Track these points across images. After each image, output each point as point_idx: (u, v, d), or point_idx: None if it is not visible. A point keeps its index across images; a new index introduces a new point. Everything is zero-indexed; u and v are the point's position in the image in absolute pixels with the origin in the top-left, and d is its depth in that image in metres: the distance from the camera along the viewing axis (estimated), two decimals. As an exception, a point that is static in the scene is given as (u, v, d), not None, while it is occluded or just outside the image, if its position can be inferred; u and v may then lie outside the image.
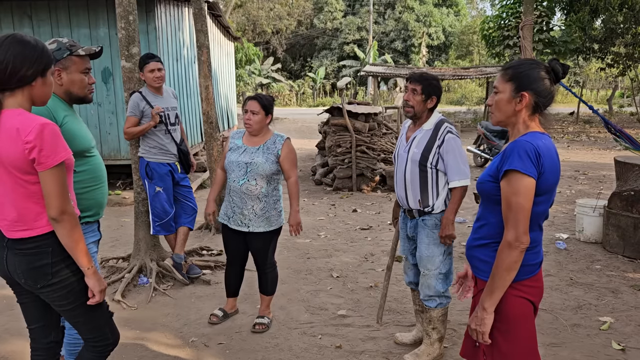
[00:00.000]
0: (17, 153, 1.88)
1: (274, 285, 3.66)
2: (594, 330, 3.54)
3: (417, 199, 3.03)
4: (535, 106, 1.93)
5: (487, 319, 1.91)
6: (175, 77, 9.03)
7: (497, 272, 1.87)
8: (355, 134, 8.20)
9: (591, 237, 5.44)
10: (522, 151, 1.82)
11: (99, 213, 2.58)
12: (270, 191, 3.44)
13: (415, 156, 2.99)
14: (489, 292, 1.90)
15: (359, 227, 6.24)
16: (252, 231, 3.43)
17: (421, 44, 34.10)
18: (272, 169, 3.40)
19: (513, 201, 1.83)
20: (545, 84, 1.92)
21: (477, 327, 1.94)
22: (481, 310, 1.92)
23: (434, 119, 3.05)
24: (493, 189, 1.93)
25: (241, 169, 3.35)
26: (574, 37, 17.97)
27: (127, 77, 4.35)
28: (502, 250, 1.86)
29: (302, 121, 21.18)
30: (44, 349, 2.31)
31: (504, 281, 1.87)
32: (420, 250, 3.07)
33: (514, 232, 1.82)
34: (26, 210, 1.98)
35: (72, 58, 2.42)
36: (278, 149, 3.42)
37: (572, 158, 11.57)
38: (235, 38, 15.66)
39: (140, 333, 3.59)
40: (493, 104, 2.00)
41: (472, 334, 1.98)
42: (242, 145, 3.44)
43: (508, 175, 1.84)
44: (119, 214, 6.95)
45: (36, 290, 2.08)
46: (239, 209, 3.41)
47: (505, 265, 1.84)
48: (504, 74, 1.97)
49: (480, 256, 2.02)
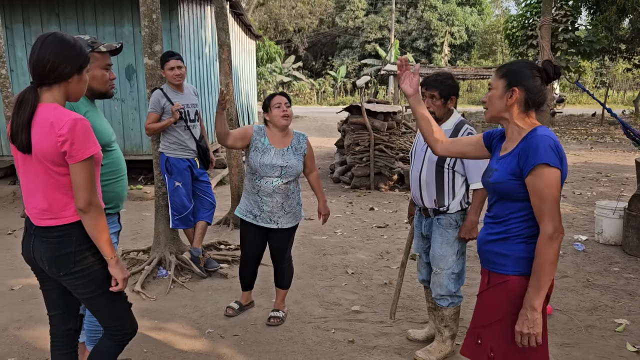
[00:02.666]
0: (50, 145, 1.97)
1: (290, 279, 3.72)
2: (608, 331, 3.52)
3: (432, 199, 3.02)
4: (526, 102, 2.00)
5: (539, 319, 1.88)
6: (196, 74, 9.17)
7: (542, 267, 1.86)
8: (374, 132, 8.22)
9: (610, 239, 5.38)
10: (546, 145, 1.87)
11: (119, 205, 2.66)
12: (296, 187, 3.51)
13: (432, 156, 2.96)
14: (536, 290, 1.87)
15: (376, 225, 6.27)
16: (281, 227, 3.49)
17: (443, 43, 33.87)
18: (302, 168, 3.50)
19: (547, 194, 1.85)
20: (536, 81, 2.00)
21: (530, 330, 1.88)
22: (531, 311, 1.88)
23: (453, 119, 3.03)
24: (516, 187, 1.95)
25: (275, 171, 3.36)
26: (600, 37, 17.65)
27: (150, 74, 4.46)
28: (544, 244, 1.85)
29: (322, 119, 21.25)
30: (62, 336, 2.39)
31: (550, 276, 1.86)
32: (433, 249, 3.07)
33: (552, 224, 1.85)
34: (55, 200, 2.08)
35: (94, 54, 2.50)
36: (304, 148, 3.51)
37: (595, 160, 11.40)
38: (257, 36, 15.79)
39: (159, 323, 3.69)
40: (487, 100, 2.08)
41: (524, 340, 1.91)
42: (270, 145, 3.41)
43: (538, 169, 1.86)
44: (140, 208, 7.10)
45: (59, 278, 2.17)
46: (268, 208, 3.41)
47: (551, 258, 1.85)
48: (498, 71, 2.06)
49: (500, 250, 2.02)
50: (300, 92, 33.55)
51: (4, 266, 4.86)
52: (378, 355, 3.25)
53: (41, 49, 1.99)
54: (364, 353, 3.28)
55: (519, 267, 1.97)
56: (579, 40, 17.52)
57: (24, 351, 3.30)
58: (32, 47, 2.02)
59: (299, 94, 33.47)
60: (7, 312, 3.85)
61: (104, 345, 2.36)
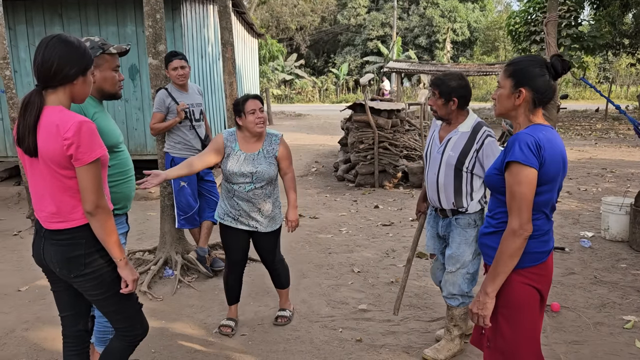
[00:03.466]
0: (56, 149, 1.97)
1: (287, 277, 3.68)
2: (617, 328, 3.51)
3: (450, 201, 2.98)
4: (534, 101, 2.03)
5: (489, 303, 2.00)
6: (200, 73, 9.16)
7: (500, 258, 1.96)
8: (378, 130, 8.20)
9: (617, 235, 5.36)
10: (523, 143, 1.91)
11: (126, 206, 2.67)
12: (272, 190, 3.40)
13: (451, 159, 2.91)
14: (491, 277, 1.99)
15: (381, 223, 6.26)
16: (260, 231, 3.41)
17: (446, 39, 33.74)
18: (275, 171, 3.35)
19: (516, 190, 1.92)
20: (544, 80, 2.01)
21: (478, 311, 2.02)
22: (483, 294, 2.01)
23: (470, 121, 2.95)
24: (499, 181, 2.02)
25: (246, 177, 3.26)
26: (604, 32, 17.55)
27: (154, 74, 4.45)
28: (505, 237, 1.94)
29: (325, 117, 21.23)
30: (73, 337, 2.41)
31: (506, 267, 1.96)
32: (450, 248, 3.04)
33: (518, 220, 1.91)
34: (63, 203, 2.07)
35: (105, 56, 2.51)
36: (275, 150, 3.34)
37: (600, 155, 11.35)
38: (259, 35, 15.78)
39: (166, 323, 3.69)
40: (496, 97, 2.12)
41: (474, 318, 2.05)
42: (239, 151, 3.29)
43: (510, 166, 1.93)
44: (145, 208, 7.10)
45: (70, 280, 2.17)
46: (245, 213, 3.34)
47: (509, 251, 1.94)
48: (505, 69, 2.08)
49: (491, 243, 2.11)
50: (303, 90, 33.52)
51: (10, 267, 4.87)
52: (386, 354, 3.25)
53: (45, 51, 1.98)
54: (371, 352, 3.27)
55: None
56: (582, 35, 17.42)
57: (32, 352, 3.30)
58: (36, 49, 2.01)
59: (301, 92, 33.45)
60: (14, 313, 3.86)
61: (115, 345, 2.37)
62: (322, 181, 9.09)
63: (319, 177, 9.41)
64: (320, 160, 11.20)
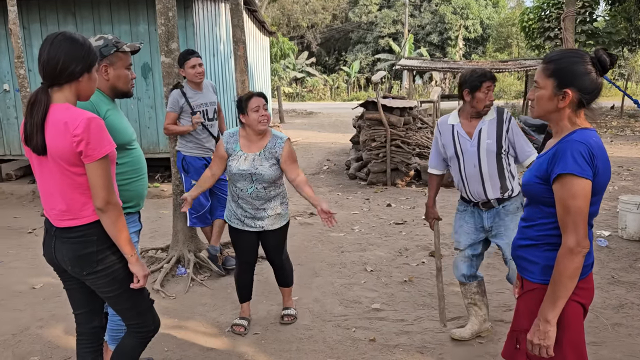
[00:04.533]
0: (65, 146, 1.96)
1: (291, 276, 3.68)
2: (636, 329, 3.44)
3: (497, 188, 3.08)
4: (580, 102, 1.82)
5: (551, 331, 1.79)
6: (212, 72, 9.17)
7: (559, 280, 1.76)
8: (390, 128, 8.15)
9: (635, 234, 5.27)
10: (577, 152, 1.73)
11: (139, 204, 2.66)
12: (277, 191, 3.36)
13: (490, 147, 3.04)
14: (551, 302, 1.78)
15: (393, 221, 6.22)
16: (267, 229, 3.39)
17: (458, 36, 33.51)
18: (277, 172, 3.28)
19: (572, 205, 1.74)
20: (590, 78, 1.79)
21: (540, 342, 1.80)
22: (544, 322, 1.79)
23: (493, 110, 3.14)
24: (543, 191, 1.84)
25: (246, 178, 3.23)
26: (619, 28, 17.33)
27: (166, 72, 4.45)
28: (563, 256, 1.76)
29: (337, 115, 21.17)
30: (88, 334, 2.41)
31: (567, 290, 1.76)
32: (507, 236, 3.08)
33: (575, 237, 1.74)
34: (73, 201, 2.07)
35: (118, 54, 2.51)
36: (279, 154, 3.27)
37: (616, 153, 11.19)
38: (271, 33, 15.77)
39: (179, 321, 3.69)
40: (534, 98, 1.90)
41: (534, 350, 1.83)
42: (241, 151, 3.27)
43: (564, 178, 1.75)
44: (158, 206, 7.13)
45: (82, 277, 2.17)
46: (250, 214, 3.33)
47: (569, 272, 1.75)
48: (545, 68, 1.86)
49: (529, 257, 1.94)
50: (314, 88, 33.48)
51: (25, 265, 4.91)
52: (400, 354, 3.22)
53: (51, 48, 1.98)
54: (385, 352, 3.24)
55: (546, 275, 1.87)
56: (597, 31, 17.21)
57: (46, 350, 3.32)
58: (41, 47, 2.01)
59: (312, 90, 33.41)
60: (29, 311, 3.89)
61: (127, 342, 2.38)
62: (333, 179, 9.06)
63: (331, 176, 9.38)
64: (331, 158, 11.16)
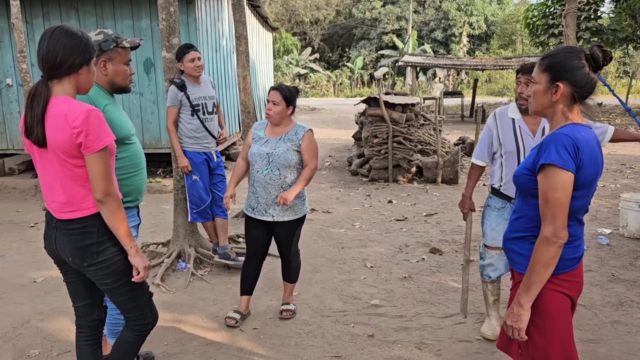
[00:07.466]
0: (65, 138, 1.98)
1: (297, 272, 3.69)
2: (635, 327, 3.44)
3: None
4: (573, 97, 1.86)
5: (524, 315, 1.87)
6: (214, 67, 9.17)
7: (534, 267, 1.83)
8: (392, 124, 8.14)
9: (636, 232, 5.26)
10: (560, 145, 1.77)
11: (138, 199, 2.67)
12: (294, 181, 3.40)
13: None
14: (525, 288, 1.86)
15: (394, 218, 6.22)
16: (277, 220, 3.44)
17: (462, 33, 33.43)
18: (294, 158, 3.36)
19: (550, 196, 1.78)
20: (583, 73, 1.84)
21: (513, 324, 1.90)
22: (517, 306, 1.88)
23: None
24: (530, 182, 1.89)
25: (263, 159, 3.35)
26: (624, 25, 17.23)
27: (168, 67, 4.45)
28: (539, 245, 1.81)
29: (340, 112, 21.16)
30: (87, 327, 2.43)
31: (541, 277, 1.83)
32: None
33: (552, 227, 1.78)
34: (73, 192, 2.09)
35: (118, 49, 2.52)
36: (299, 139, 3.39)
37: (619, 151, 11.16)
38: (274, 28, 15.75)
39: (179, 316, 3.70)
40: (531, 94, 1.96)
41: (508, 331, 1.93)
42: (264, 136, 3.44)
43: (545, 169, 1.79)
44: (159, 201, 7.14)
45: (82, 269, 2.19)
46: (263, 199, 3.39)
47: (543, 261, 1.81)
48: (540, 63, 1.91)
49: (517, 249, 1.99)
50: (317, 84, 33.46)
51: (26, 258, 4.93)
52: (398, 350, 3.22)
53: (50, 42, 1.99)
54: (383, 347, 3.25)
55: None
56: (602, 28, 17.12)
57: (47, 343, 3.34)
58: (40, 40, 2.02)
59: (315, 86, 33.39)
60: (30, 304, 3.91)
61: (126, 336, 2.40)
62: (335, 175, 9.07)
63: (333, 172, 9.39)
64: (334, 154, 11.17)
